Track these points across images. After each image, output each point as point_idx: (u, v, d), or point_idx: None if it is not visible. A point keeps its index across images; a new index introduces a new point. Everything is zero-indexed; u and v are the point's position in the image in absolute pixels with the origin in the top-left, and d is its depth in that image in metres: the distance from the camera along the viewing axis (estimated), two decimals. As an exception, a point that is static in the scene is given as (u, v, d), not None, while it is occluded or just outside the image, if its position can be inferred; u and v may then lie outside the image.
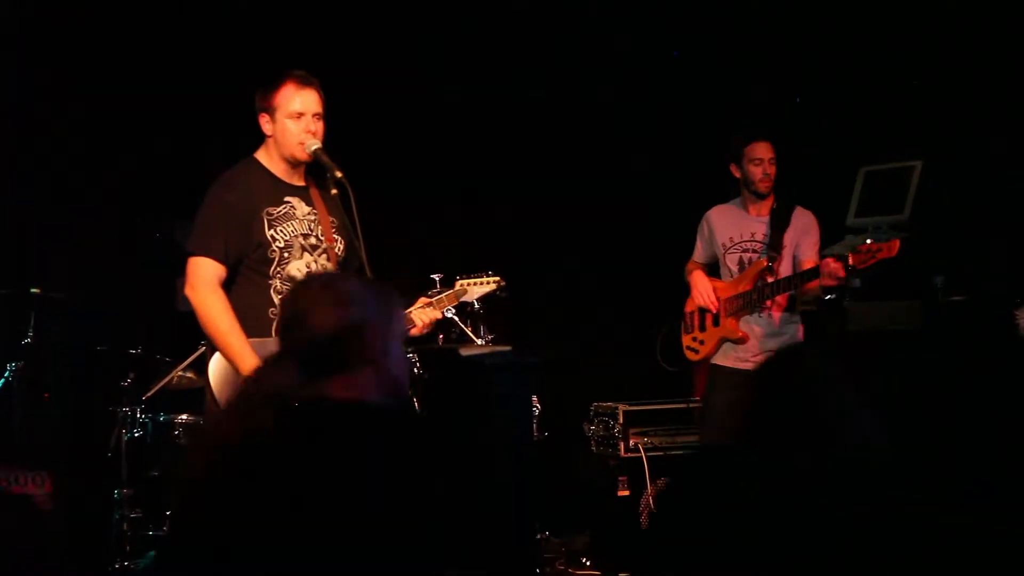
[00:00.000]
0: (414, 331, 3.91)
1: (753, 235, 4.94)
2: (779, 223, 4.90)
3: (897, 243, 4.46)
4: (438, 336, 5.32)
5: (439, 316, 4.04)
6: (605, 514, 5.64)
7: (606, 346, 6.76)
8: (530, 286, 6.26)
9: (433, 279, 4.37)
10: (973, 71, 5.34)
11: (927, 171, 5.34)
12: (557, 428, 5.94)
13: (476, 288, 4.32)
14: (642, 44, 6.56)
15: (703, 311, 5.01)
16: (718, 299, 4.94)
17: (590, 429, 5.86)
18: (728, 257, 4.97)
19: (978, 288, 4.71)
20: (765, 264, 4.84)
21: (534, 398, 5.50)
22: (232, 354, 3.60)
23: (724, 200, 5.11)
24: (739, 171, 4.93)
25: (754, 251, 4.93)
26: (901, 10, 5.62)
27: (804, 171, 5.91)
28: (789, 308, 4.90)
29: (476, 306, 5.24)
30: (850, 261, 4.51)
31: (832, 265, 4.54)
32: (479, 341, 5.23)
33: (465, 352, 4.85)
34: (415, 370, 4.96)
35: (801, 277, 4.70)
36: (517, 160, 6.52)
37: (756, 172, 4.88)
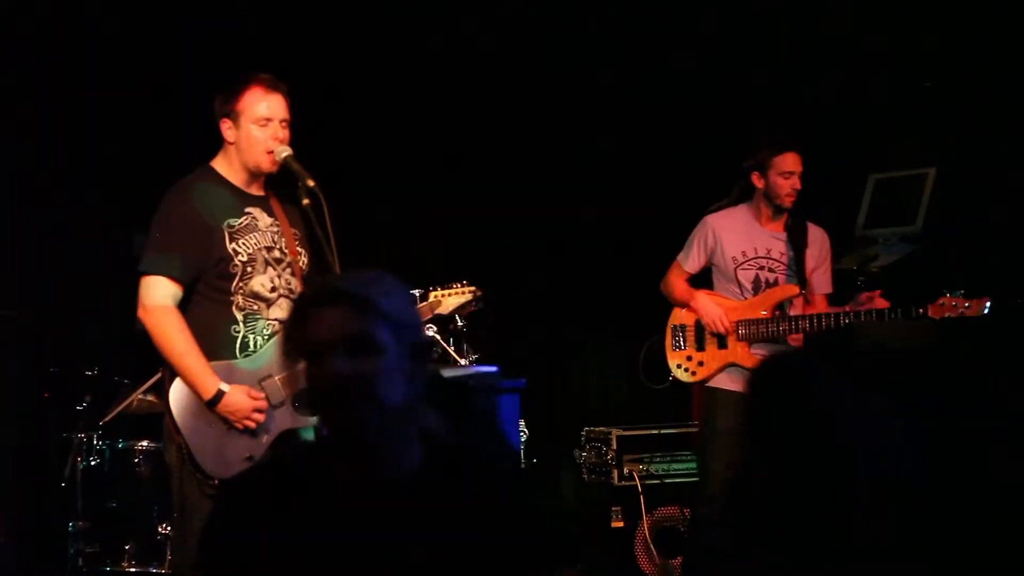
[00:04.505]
0: None
1: (769, 252, 4.81)
2: (798, 242, 4.80)
3: (987, 301, 4.39)
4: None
5: None
6: (598, 547, 5.60)
7: (599, 367, 6.73)
8: (518, 302, 6.23)
9: (412, 294, 4.31)
10: (991, 69, 5.31)
11: (941, 178, 5.34)
12: (546, 454, 5.90)
13: (450, 299, 4.21)
14: (630, 50, 6.52)
15: (700, 327, 4.89)
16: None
17: (581, 456, 5.82)
18: (741, 273, 4.83)
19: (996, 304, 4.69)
20: (796, 291, 4.74)
21: (521, 422, 5.47)
22: (191, 377, 3.52)
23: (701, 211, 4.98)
24: (762, 181, 4.78)
25: (771, 270, 4.80)
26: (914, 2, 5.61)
27: (810, 178, 5.90)
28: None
29: (459, 324, 5.20)
30: (929, 313, 4.43)
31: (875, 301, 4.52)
32: (463, 361, 5.18)
33: (448, 373, 4.81)
34: None
35: (838, 320, 4.57)
36: (500, 168, 6.47)
37: (784, 185, 4.74)
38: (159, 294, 3.57)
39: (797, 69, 6.04)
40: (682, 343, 4.96)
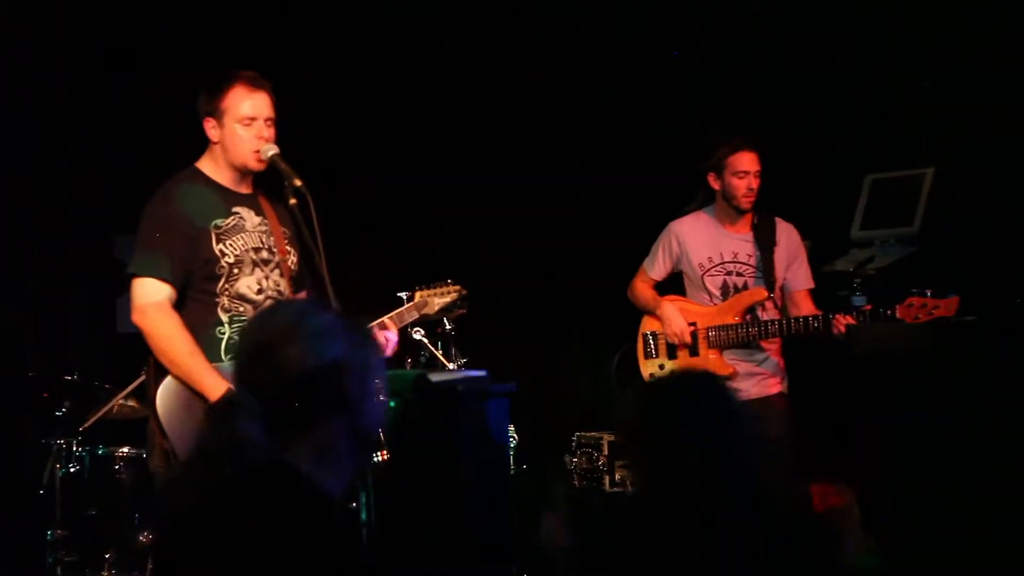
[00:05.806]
0: None
1: (736, 255, 4.78)
2: (766, 242, 4.75)
3: (956, 301, 4.30)
4: (406, 360, 5.27)
5: (392, 334, 3.91)
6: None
7: (590, 371, 6.71)
8: (507, 305, 6.21)
9: (400, 297, 4.29)
10: (990, 67, 5.31)
11: (939, 179, 5.34)
12: (536, 460, 5.89)
13: (438, 299, 4.18)
14: (623, 52, 6.51)
15: None
16: (695, 327, 4.78)
17: (572, 461, 5.81)
18: (708, 280, 4.80)
19: (994, 306, 4.70)
20: (764, 295, 4.70)
21: (511, 427, 5.45)
22: (197, 379, 3.47)
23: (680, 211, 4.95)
24: (718, 182, 4.76)
25: (739, 274, 4.77)
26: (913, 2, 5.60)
27: (805, 178, 5.91)
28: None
29: (447, 326, 5.19)
30: (898, 315, 4.37)
31: (844, 322, 4.43)
32: (451, 365, 5.17)
33: (435, 377, 4.79)
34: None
35: (807, 325, 4.53)
36: (488, 169, 6.46)
37: (740, 186, 4.70)
38: (153, 297, 3.54)
39: (796, 69, 6.04)
40: (654, 351, 4.92)
